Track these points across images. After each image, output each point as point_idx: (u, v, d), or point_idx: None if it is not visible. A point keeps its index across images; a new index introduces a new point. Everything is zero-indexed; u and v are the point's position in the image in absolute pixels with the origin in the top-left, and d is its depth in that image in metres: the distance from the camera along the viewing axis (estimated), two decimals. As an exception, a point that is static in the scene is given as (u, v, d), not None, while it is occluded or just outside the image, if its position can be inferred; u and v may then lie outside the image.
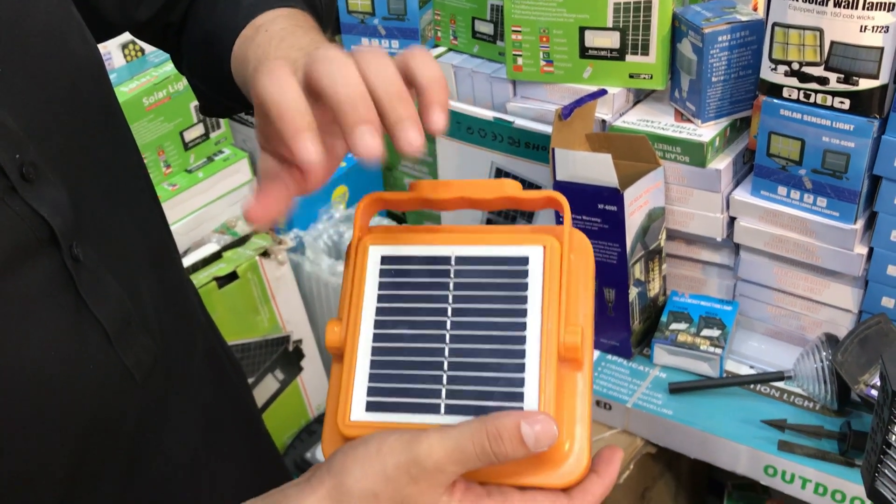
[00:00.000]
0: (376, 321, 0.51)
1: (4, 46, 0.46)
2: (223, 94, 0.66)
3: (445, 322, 0.50)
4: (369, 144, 0.43)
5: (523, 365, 0.48)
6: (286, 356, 1.36)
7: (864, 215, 0.98)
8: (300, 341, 1.37)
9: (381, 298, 0.51)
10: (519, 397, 0.47)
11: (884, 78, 0.88)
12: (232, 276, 1.24)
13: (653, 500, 1.18)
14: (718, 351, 1.05)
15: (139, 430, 0.58)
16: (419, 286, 0.51)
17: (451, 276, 0.51)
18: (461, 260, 0.51)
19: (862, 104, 0.90)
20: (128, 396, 0.56)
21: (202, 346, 0.68)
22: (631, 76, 1.07)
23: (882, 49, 0.87)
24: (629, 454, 1.08)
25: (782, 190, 1.00)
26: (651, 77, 1.06)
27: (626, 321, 1.09)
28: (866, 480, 0.70)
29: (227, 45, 0.60)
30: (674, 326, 1.09)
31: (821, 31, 0.89)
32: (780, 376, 1.03)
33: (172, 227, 1.27)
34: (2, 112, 0.45)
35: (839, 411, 1.00)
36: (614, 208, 1.01)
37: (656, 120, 1.06)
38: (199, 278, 1.22)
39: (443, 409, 0.48)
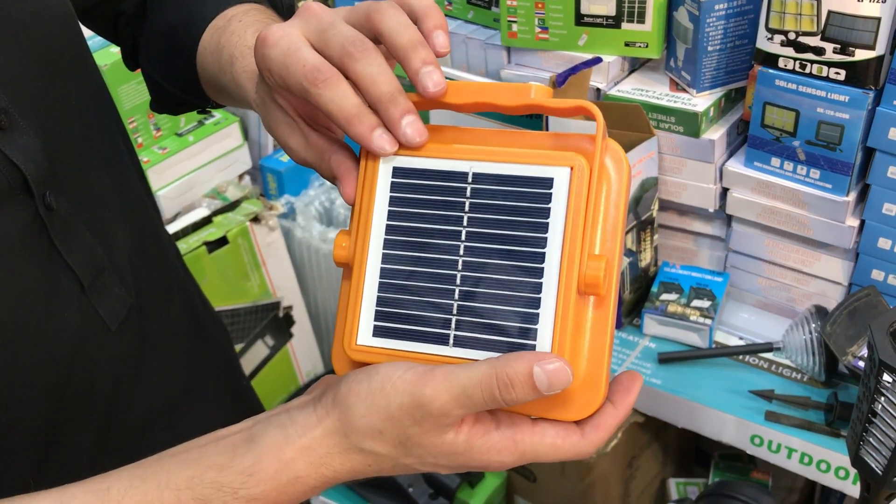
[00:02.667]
0: (386, 240, 0.48)
1: None
2: (180, 87, 0.65)
3: (458, 247, 0.46)
4: (437, 81, 0.46)
5: (539, 300, 0.45)
6: (276, 322, 1.36)
7: (856, 188, 0.98)
8: (290, 307, 1.37)
9: (391, 216, 0.48)
10: (532, 334, 0.45)
11: (880, 49, 0.88)
12: (222, 241, 1.24)
13: (640, 469, 1.19)
14: (708, 322, 1.06)
15: (115, 380, 0.58)
16: (432, 204, 0.47)
17: (468, 195, 0.47)
18: (479, 177, 0.47)
19: (857, 75, 0.90)
20: (102, 346, 0.56)
21: (179, 300, 0.68)
22: (626, 44, 1.06)
23: (879, 19, 0.86)
24: (617, 423, 1.09)
25: (776, 161, 1.00)
26: (647, 45, 1.05)
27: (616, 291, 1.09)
28: (851, 449, 0.70)
29: (194, 36, 0.61)
30: (664, 297, 1.09)
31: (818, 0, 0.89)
32: (768, 347, 1.03)
33: (162, 192, 1.27)
34: None
35: (827, 383, 1.01)
36: (607, 177, 1.01)
37: (651, 89, 1.06)
38: (188, 243, 1.21)
39: (451, 341, 0.46)
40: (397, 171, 0.48)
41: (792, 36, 0.92)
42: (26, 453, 0.52)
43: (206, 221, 1.26)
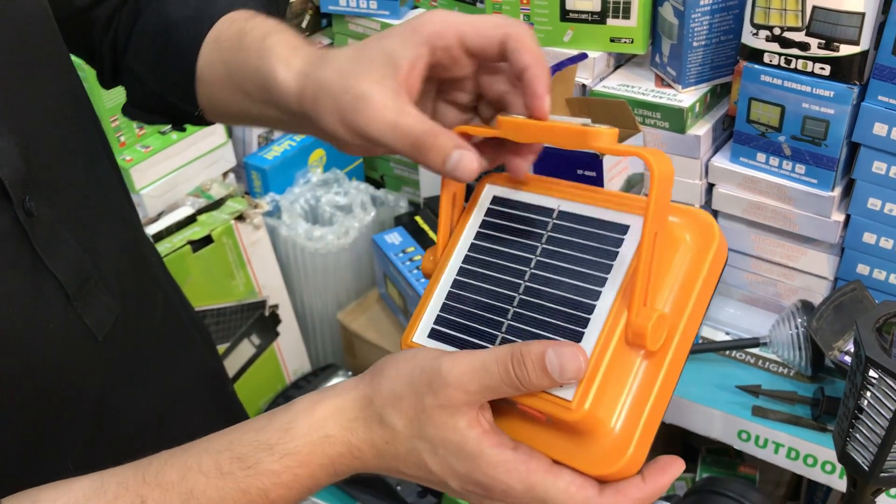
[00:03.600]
0: (467, 256, 0.51)
1: None
2: (169, 87, 0.63)
3: (525, 273, 0.48)
4: (547, 110, 0.48)
5: (582, 335, 0.45)
6: (262, 321, 1.35)
7: (841, 182, 0.98)
8: (276, 306, 1.36)
9: (478, 236, 0.51)
10: None
11: (864, 44, 0.88)
12: (207, 240, 1.22)
13: (628, 465, 1.19)
14: (695, 317, 1.06)
15: (103, 390, 0.57)
16: (515, 232, 0.50)
17: (548, 228, 0.49)
18: (563, 215, 0.49)
19: (842, 70, 0.90)
20: (90, 355, 0.55)
21: (163, 306, 0.67)
22: (612, 40, 1.05)
23: (863, 14, 0.86)
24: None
25: (761, 156, 1.00)
26: (632, 41, 1.05)
27: (603, 287, 1.09)
28: (838, 445, 0.71)
29: (198, 33, 0.59)
30: (651, 293, 1.09)
31: (803, -5, 0.89)
32: (755, 343, 1.03)
33: (146, 190, 1.26)
34: None
35: (813, 377, 1.01)
36: (593, 174, 1.00)
37: (636, 85, 1.06)
38: (172, 242, 1.20)
39: None
40: (496, 199, 0.52)
41: (777, 31, 0.92)
42: (12, 462, 0.51)
43: (190, 220, 1.25)
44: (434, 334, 0.50)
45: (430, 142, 0.47)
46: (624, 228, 0.47)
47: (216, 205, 1.28)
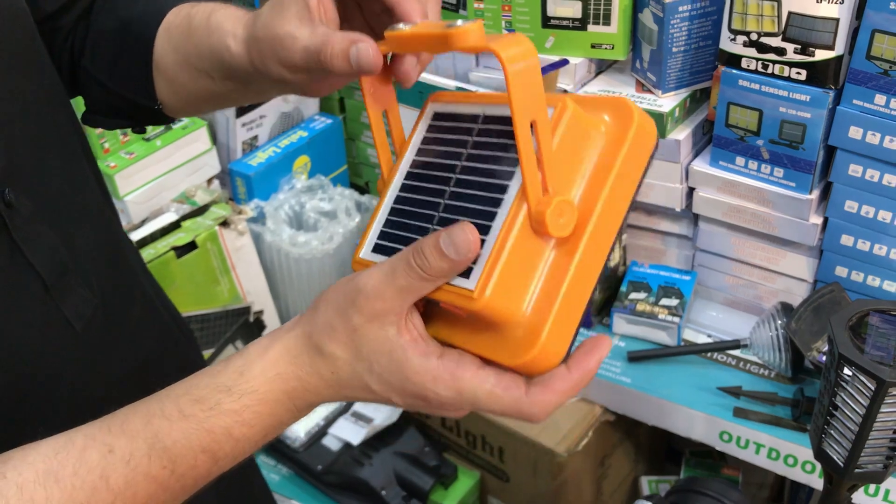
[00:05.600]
0: (408, 172, 0.52)
1: None
2: (128, 86, 0.65)
3: (452, 179, 0.49)
4: (410, 12, 0.51)
5: (489, 226, 0.45)
6: (247, 327, 1.35)
7: (819, 185, 0.99)
8: (261, 312, 1.36)
9: (418, 151, 0.53)
10: (477, 259, 0.45)
11: (839, 49, 0.89)
12: (191, 246, 1.22)
13: (612, 468, 1.20)
14: (676, 320, 1.07)
15: (80, 381, 0.57)
16: (447, 142, 0.51)
17: (474, 133, 0.50)
18: (487, 119, 0.49)
19: (818, 75, 0.91)
20: (67, 346, 0.55)
21: (141, 304, 0.68)
22: (593, 46, 1.07)
23: (837, 20, 0.87)
24: (588, 422, 1.09)
25: (740, 160, 1.01)
26: (613, 47, 1.06)
27: (586, 291, 1.10)
28: (814, 442, 0.71)
29: (152, 25, 0.62)
30: (633, 296, 1.10)
31: (779, 1, 0.90)
32: (736, 345, 1.04)
33: (130, 197, 1.26)
34: None
35: (793, 378, 1.02)
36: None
37: (618, 90, 1.07)
38: (157, 248, 1.20)
39: None
40: (436, 115, 0.53)
41: (754, 37, 0.94)
42: None
43: (174, 226, 1.25)
44: (378, 248, 0.51)
45: (328, 48, 0.49)
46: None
47: (200, 211, 1.28)
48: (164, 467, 0.45)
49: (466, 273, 0.45)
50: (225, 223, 1.26)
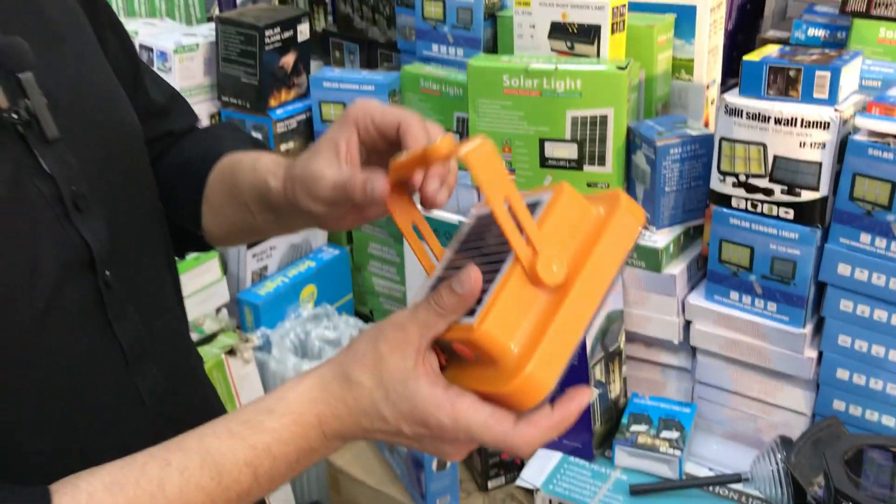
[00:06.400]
0: (446, 260, 0.60)
1: (74, 101, 0.58)
2: (178, 212, 0.74)
3: (477, 258, 0.57)
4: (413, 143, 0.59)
5: (494, 279, 0.53)
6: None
7: (812, 320, 1.02)
8: (264, 441, 1.36)
9: (457, 246, 0.61)
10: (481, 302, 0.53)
11: (823, 190, 0.94)
12: (197, 374, 1.25)
13: None
14: (678, 453, 1.07)
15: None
16: (477, 233, 0.60)
17: (493, 223, 0.56)
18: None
19: (805, 214, 0.96)
20: (137, 420, 0.61)
21: (201, 392, 0.74)
22: (588, 185, 1.12)
23: (820, 164, 0.92)
24: (591, 558, 1.08)
25: (734, 295, 1.04)
26: (608, 186, 1.11)
27: (587, 423, 1.11)
28: (818, 581, 0.71)
29: (209, 164, 0.72)
30: (634, 428, 1.11)
31: (764, 145, 0.95)
32: (737, 478, 1.04)
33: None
34: (66, 152, 0.56)
35: (796, 514, 1.01)
36: (574, 310, 1.04)
37: (614, 226, 1.11)
38: (163, 376, 1.22)
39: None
40: (478, 217, 0.62)
41: (742, 178, 0.98)
42: None
43: (181, 354, 1.27)
44: None
45: (351, 183, 0.58)
46: (536, 203, 0.55)
47: (208, 339, 1.31)
48: (212, 478, 0.50)
49: (472, 313, 0.52)
50: (231, 352, 1.29)
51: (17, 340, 0.52)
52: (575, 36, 1.14)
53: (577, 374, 1.07)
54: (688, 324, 1.09)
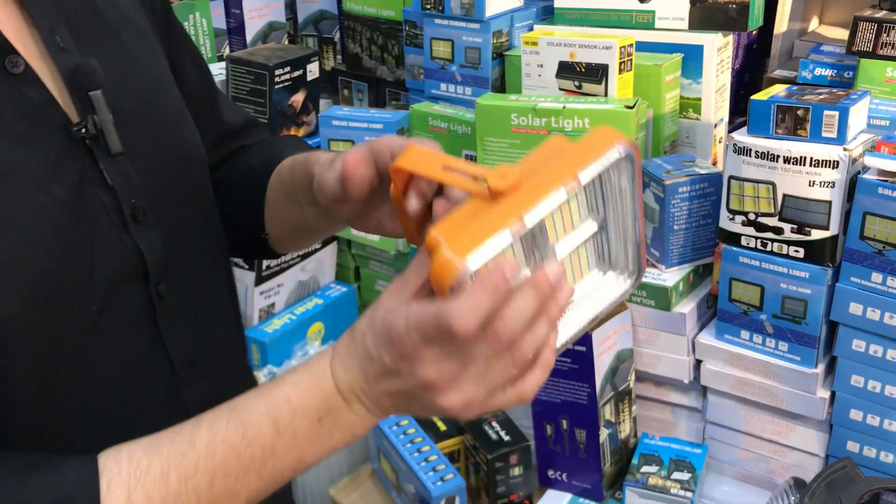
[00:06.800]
0: None
1: (140, 120, 0.62)
2: (241, 216, 0.78)
3: None
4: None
5: None
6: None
7: (824, 360, 1.00)
8: (269, 480, 1.35)
9: None
10: None
11: (833, 229, 0.93)
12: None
13: None
14: (689, 495, 1.05)
15: None
16: None
17: None
18: None
19: (815, 253, 0.95)
20: None
21: None
22: (598, 222, 1.11)
23: (830, 202, 0.92)
24: None
25: (745, 334, 1.03)
26: (617, 224, 1.11)
27: (597, 463, 1.09)
28: None
29: (269, 170, 0.75)
30: (645, 469, 1.09)
31: (773, 184, 0.95)
32: (750, 521, 1.02)
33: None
34: (128, 166, 0.59)
35: (811, 559, 0.99)
36: (583, 349, 1.03)
37: (623, 264, 1.10)
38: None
39: None
40: None
41: (752, 217, 0.98)
42: None
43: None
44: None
45: (342, 167, 0.61)
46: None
47: (214, 376, 1.30)
48: (237, 431, 0.51)
49: None
50: (238, 389, 1.28)
51: (71, 339, 0.55)
52: (583, 75, 1.14)
53: (586, 413, 1.06)
54: (698, 363, 1.08)
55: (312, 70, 1.43)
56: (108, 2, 0.65)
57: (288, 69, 1.39)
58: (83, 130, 0.56)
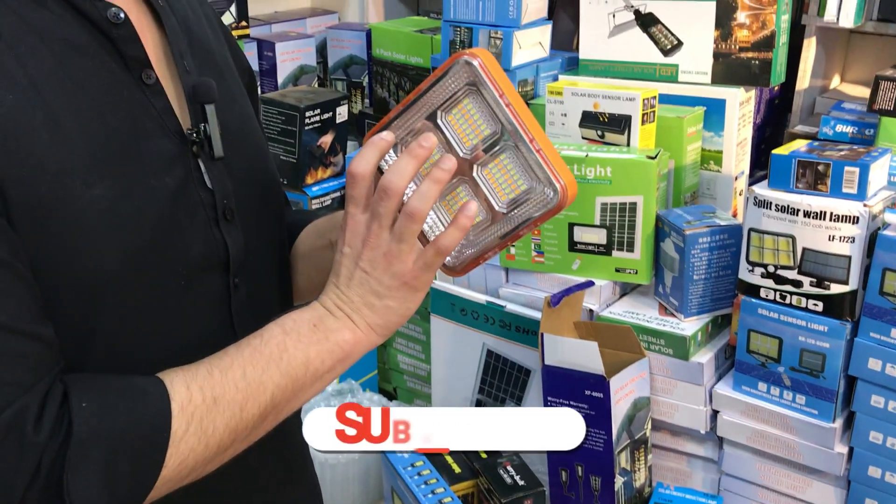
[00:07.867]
0: None
1: (235, 144, 0.70)
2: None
3: None
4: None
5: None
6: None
7: (842, 414, 1.00)
8: None
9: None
10: None
11: (853, 284, 0.94)
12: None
13: None
14: (703, 547, 1.04)
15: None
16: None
17: None
18: None
19: (834, 307, 0.95)
20: None
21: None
22: (617, 270, 1.13)
23: (850, 257, 0.93)
24: None
25: (762, 386, 1.03)
26: (636, 272, 1.12)
27: (611, 511, 1.09)
28: None
29: (300, 226, 0.83)
30: (659, 519, 1.09)
31: (793, 237, 0.96)
32: (765, 577, 1.01)
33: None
34: (224, 170, 0.69)
35: None
36: (600, 395, 1.04)
37: (641, 312, 1.11)
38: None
39: None
40: None
41: (771, 269, 0.99)
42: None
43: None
44: None
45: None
46: None
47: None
48: (254, 336, 0.63)
49: None
50: (255, 424, 1.28)
51: (156, 306, 0.64)
52: (606, 125, 1.17)
53: (602, 460, 1.06)
54: (715, 413, 1.08)
55: (341, 113, 1.47)
56: (216, 46, 0.75)
57: (318, 111, 1.42)
58: (194, 135, 0.66)
